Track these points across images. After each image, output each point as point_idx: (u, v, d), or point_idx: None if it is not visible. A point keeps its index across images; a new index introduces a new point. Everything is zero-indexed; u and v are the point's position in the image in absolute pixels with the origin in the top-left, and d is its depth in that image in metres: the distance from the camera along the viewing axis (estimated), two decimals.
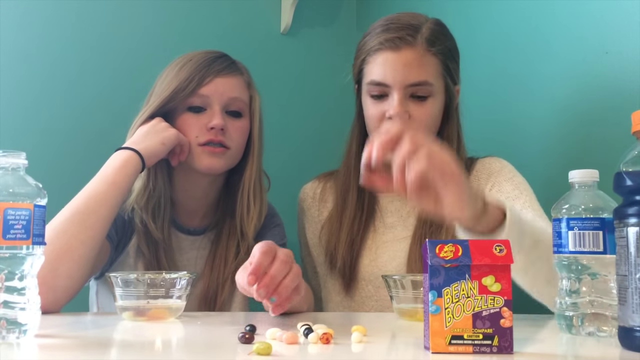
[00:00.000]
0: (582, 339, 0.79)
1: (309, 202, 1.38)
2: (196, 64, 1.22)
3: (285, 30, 1.87)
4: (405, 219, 1.27)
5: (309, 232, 1.38)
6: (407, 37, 1.18)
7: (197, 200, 1.28)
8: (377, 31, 1.21)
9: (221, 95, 1.22)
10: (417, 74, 1.18)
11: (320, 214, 1.36)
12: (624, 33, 1.17)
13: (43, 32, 1.58)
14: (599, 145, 1.22)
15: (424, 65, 1.18)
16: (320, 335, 0.72)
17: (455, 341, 0.65)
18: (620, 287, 0.70)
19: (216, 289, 1.24)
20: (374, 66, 1.20)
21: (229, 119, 1.23)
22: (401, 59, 1.17)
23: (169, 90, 1.21)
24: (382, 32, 1.20)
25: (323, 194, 1.37)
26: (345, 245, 1.25)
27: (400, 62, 1.18)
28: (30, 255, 0.72)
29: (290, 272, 0.89)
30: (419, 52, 1.18)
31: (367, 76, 1.22)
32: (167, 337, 0.83)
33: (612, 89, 1.20)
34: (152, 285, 0.93)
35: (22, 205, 0.71)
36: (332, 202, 1.34)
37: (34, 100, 1.56)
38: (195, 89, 1.20)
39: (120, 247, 1.22)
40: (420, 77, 1.18)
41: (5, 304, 0.70)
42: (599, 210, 0.81)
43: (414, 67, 1.17)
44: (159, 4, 1.72)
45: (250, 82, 1.30)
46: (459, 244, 0.67)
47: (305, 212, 1.38)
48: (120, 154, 1.13)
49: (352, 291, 1.25)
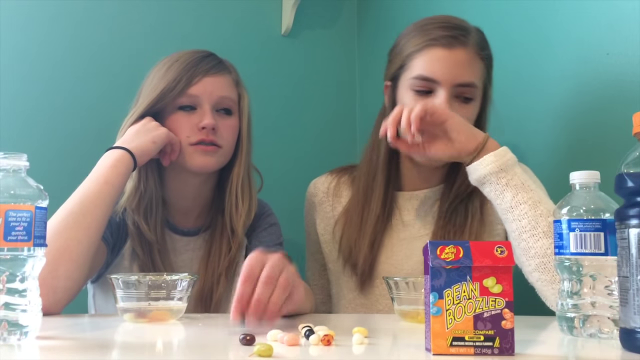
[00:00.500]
0: (583, 341, 0.79)
1: (321, 197, 1.37)
2: (184, 64, 1.22)
3: (286, 32, 1.87)
4: (423, 217, 1.27)
5: (320, 228, 1.36)
6: (460, 37, 1.18)
7: (189, 200, 1.28)
8: (427, 28, 1.21)
9: (210, 94, 1.22)
10: (467, 75, 1.18)
11: (333, 209, 1.35)
12: (625, 34, 1.17)
13: (45, 34, 1.59)
14: (600, 147, 1.22)
15: (473, 67, 1.19)
16: (322, 336, 0.72)
17: (456, 343, 0.65)
18: (621, 289, 0.70)
19: (211, 287, 1.24)
20: (423, 61, 1.19)
21: (219, 118, 1.23)
22: (453, 57, 1.17)
23: (157, 90, 1.21)
24: (433, 29, 1.20)
25: (337, 189, 1.36)
26: (367, 243, 1.24)
27: (452, 60, 1.17)
28: (31, 257, 0.72)
29: (277, 287, 0.86)
30: (470, 54, 1.19)
31: (412, 71, 1.20)
32: (168, 338, 0.83)
33: (613, 90, 1.20)
34: (153, 286, 0.93)
35: (23, 207, 0.71)
36: (347, 198, 1.33)
37: (35, 101, 1.57)
38: (184, 89, 1.20)
39: (115, 250, 1.22)
40: (469, 78, 1.18)
41: (6, 306, 0.70)
42: (600, 211, 0.81)
43: (465, 67, 1.18)
44: (161, 5, 1.72)
45: (239, 80, 1.30)
46: (460, 246, 0.67)
47: (317, 207, 1.37)
48: (112, 154, 1.12)
49: (367, 289, 1.25)
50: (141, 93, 1.25)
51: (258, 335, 0.74)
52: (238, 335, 0.73)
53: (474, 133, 1.11)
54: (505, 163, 1.07)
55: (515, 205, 1.05)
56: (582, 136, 1.27)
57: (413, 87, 1.20)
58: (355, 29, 2.01)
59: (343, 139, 1.95)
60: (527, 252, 1.03)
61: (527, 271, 1.05)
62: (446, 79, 1.17)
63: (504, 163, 1.07)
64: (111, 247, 1.20)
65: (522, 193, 1.05)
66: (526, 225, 1.04)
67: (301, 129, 1.89)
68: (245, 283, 0.85)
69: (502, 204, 1.08)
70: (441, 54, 1.18)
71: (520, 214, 1.05)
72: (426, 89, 1.19)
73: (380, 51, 1.94)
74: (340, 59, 1.98)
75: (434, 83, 1.18)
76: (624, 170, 0.72)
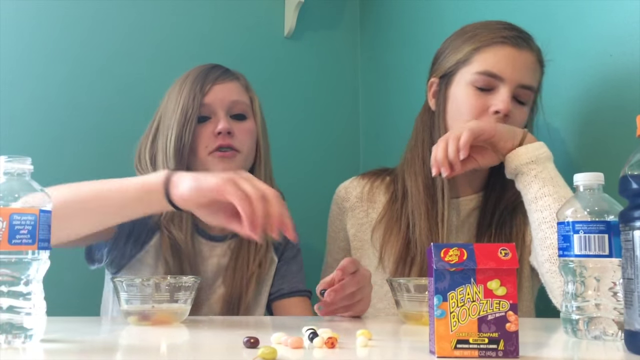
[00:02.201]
0: (587, 343, 0.79)
1: (354, 202, 1.34)
2: (193, 78, 1.25)
3: (289, 33, 1.87)
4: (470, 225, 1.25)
5: (351, 233, 1.34)
6: (528, 40, 1.20)
7: None
8: (493, 27, 1.20)
9: (222, 100, 1.24)
10: (530, 77, 1.19)
11: (367, 215, 1.32)
12: (628, 36, 1.17)
13: (52, 40, 1.59)
14: (603, 148, 1.21)
15: (535, 72, 1.21)
16: (326, 339, 0.72)
17: (460, 345, 0.65)
18: (626, 291, 0.70)
19: (239, 294, 1.25)
20: (491, 57, 1.18)
21: (234, 123, 1.25)
22: (522, 57, 1.18)
23: (178, 109, 1.22)
24: (501, 29, 1.20)
25: (371, 193, 1.33)
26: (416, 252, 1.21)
27: (520, 59, 1.18)
28: (35, 260, 0.72)
29: None
30: (535, 58, 1.21)
31: (477, 65, 1.18)
32: (172, 341, 0.83)
33: (617, 91, 1.20)
34: (157, 289, 0.93)
35: (27, 210, 0.71)
36: (381, 203, 1.31)
37: (41, 105, 1.57)
38: (200, 101, 1.22)
39: (139, 243, 1.22)
40: (531, 81, 1.19)
41: (10, 309, 0.70)
42: (605, 213, 0.81)
43: (530, 69, 1.19)
44: (164, 9, 1.73)
45: (248, 85, 1.32)
46: (464, 248, 0.67)
47: (348, 212, 1.34)
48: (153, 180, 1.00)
49: None
50: (163, 114, 1.26)
51: (262, 338, 0.74)
52: (242, 338, 0.73)
53: (514, 133, 1.13)
54: (537, 156, 1.10)
55: (540, 196, 1.07)
56: (585, 138, 1.27)
57: (475, 82, 1.18)
58: (358, 30, 2.01)
59: (346, 140, 1.95)
60: (543, 242, 1.05)
61: (540, 261, 1.06)
62: (512, 78, 1.17)
63: (537, 156, 1.10)
64: (127, 234, 1.20)
65: (548, 186, 1.07)
66: (547, 217, 1.05)
67: (304, 130, 1.89)
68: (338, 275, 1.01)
69: (528, 194, 1.09)
70: (510, 52, 1.17)
71: (543, 205, 1.06)
72: (488, 87, 1.18)
73: (383, 52, 1.95)
74: (343, 60, 1.98)
75: (499, 80, 1.17)
76: (628, 172, 0.71)
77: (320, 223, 1.46)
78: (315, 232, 1.50)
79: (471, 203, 1.27)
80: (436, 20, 1.68)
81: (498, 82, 1.17)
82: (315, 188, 1.78)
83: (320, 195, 1.54)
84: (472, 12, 1.56)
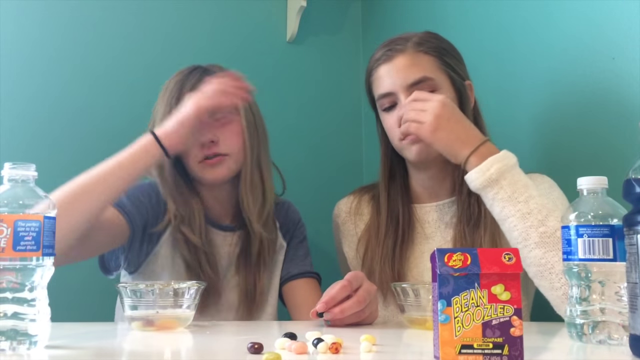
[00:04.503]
0: (592, 347, 0.79)
1: (344, 217, 1.37)
2: (171, 86, 1.25)
3: (291, 38, 1.88)
4: (443, 230, 1.27)
5: (345, 247, 1.37)
6: (396, 47, 1.24)
7: (222, 204, 1.32)
8: (373, 57, 1.28)
9: None
10: (414, 72, 1.21)
11: (356, 227, 1.35)
12: (631, 39, 1.16)
13: (57, 41, 1.60)
14: (607, 152, 1.21)
15: (417, 64, 1.22)
16: (330, 345, 0.72)
17: (465, 350, 0.65)
18: (630, 295, 0.70)
19: (254, 280, 1.28)
20: (376, 82, 1.26)
21: (218, 128, 1.24)
22: (395, 65, 1.23)
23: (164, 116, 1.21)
24: (376, 52, 1.28)
25: (358, 207, 1.36)
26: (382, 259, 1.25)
27: (394, 68, 1.23)
28: (40, 266, 0.72)
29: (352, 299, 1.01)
30: (410, 54, 1.23)
31: (375, 94, 1.27)
32: (176, 347, 0.84)
33: (620, 95, 1.20)
34: (161, 295, 0.93)
35: (32, 217, 0.72)
36: (368, 215, 1.34)
37: (44, 111, 1.58)
38: None
39: (154, 238, 1.24)
40: (417, 74, 1.21)
41: (15, 315, 0.70)
42: (609, 217, 0.81)
43: (408, 67, 1.22)
44: (167, 13, 1.73)
45: None
46: (468, 253, 0.66)
47: (341, 227, 1.38)
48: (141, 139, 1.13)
49: (387, 300, 1.25)
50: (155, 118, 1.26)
51: (266, 343, 0.74)
52: (246, 344, 0.73)
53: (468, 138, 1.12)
54: (489, 177, 1.07)
55: (503, 218, 1.07)
56: (589, 141, 1.27)
57: (382, 107, 1.26)
58: (360, 34, 2.01)
59: (348, 144, 1.95)
60: (524, 261, 1.04)
61: (530, 277, 1.06)
62: (398, 86, 1.21)
63: (488, 177, 1.07)
64: (141, 232, 1.22)
65: (509, 207, 1.05)
66: (517, 237, 1.04)
67: (306, 134, 1.89)
68: (342, 290, 0.99)
69: (494, 215, 1.10)
70: (385, 68, 1.24)
71: (510, 227, 1.06)
72: (391, 104, 1.24)
73: None
74: (345, 64, 1.98)
75: (393, 95, 1.23)
76: (632, 176, 0.71)
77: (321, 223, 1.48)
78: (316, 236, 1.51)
79: (454, 204, 1.27)
80: (438, 25, 1.67)
81: (394, 97, 1.23)
82: (317, 191, 1.78)
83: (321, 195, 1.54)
84: (474, 17, 1.56)
